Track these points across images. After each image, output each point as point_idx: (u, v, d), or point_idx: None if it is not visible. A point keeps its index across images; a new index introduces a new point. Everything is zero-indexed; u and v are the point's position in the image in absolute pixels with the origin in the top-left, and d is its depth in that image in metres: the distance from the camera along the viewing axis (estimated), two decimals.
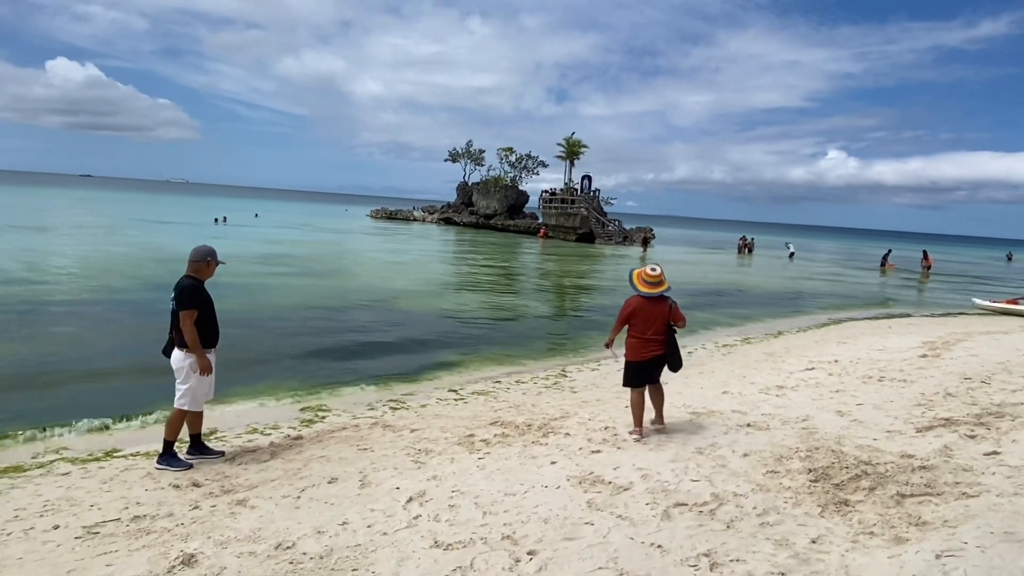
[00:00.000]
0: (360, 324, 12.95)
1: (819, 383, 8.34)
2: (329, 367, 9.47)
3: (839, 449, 5.41)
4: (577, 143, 58.85)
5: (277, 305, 14.32)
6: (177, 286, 5.33)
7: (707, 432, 6.06)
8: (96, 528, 4.24)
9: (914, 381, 8.24)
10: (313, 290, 16.84)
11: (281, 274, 19.84)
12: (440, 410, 7.48)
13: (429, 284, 19.86)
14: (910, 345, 11.40)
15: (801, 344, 12.42)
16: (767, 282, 27.39)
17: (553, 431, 6.26)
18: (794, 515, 4.19)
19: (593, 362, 10.76)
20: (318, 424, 6.86)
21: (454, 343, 11.66)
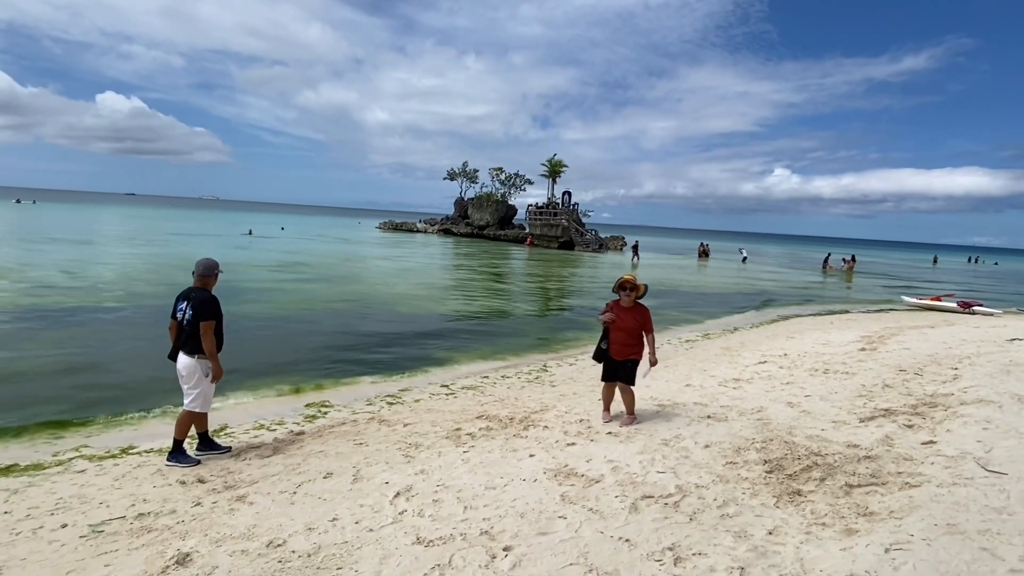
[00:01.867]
0: (364, 324, 12.65)
1: (771, 376, 8.11)
2: (334, 365, 9.17)
3: (791, 440, 5.16)
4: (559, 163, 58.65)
5: (290, 307, 13.99)
6: (192, 298, 5.00)
7: (672, 424, 5.79)
8: (101, 526, 3.92)
9: (855, 373, 8.02)
10: (323, 293, 16.50)
11: (296, 279, 19.47)
12: (432, 404, 7.19)
13: (428, 287, 19.55)
14: (850, 339, 11.20)
15: (754, 339, 12.21)
16: (723, 283, 27.23)
17: (533, 424, 5.99)
18: (751, 506, 3.93)
19: (571, 357, 10.51)
20: (320, 420, 6.55)
21: (448, 340, 11.38)
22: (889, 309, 19.79)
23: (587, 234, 51.75)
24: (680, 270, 35.05)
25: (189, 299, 5.01)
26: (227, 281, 17.32)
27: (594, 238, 51.35)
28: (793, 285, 28.14)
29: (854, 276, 36.85)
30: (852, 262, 40.53)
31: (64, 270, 18.42)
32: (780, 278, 32.42)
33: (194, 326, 4.94)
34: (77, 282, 16.14)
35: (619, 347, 5.79)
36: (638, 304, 5.79)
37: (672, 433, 5.48)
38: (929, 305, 19.55)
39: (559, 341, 12.06)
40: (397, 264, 28.29)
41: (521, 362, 10.06)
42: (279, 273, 20.98)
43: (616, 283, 5.80)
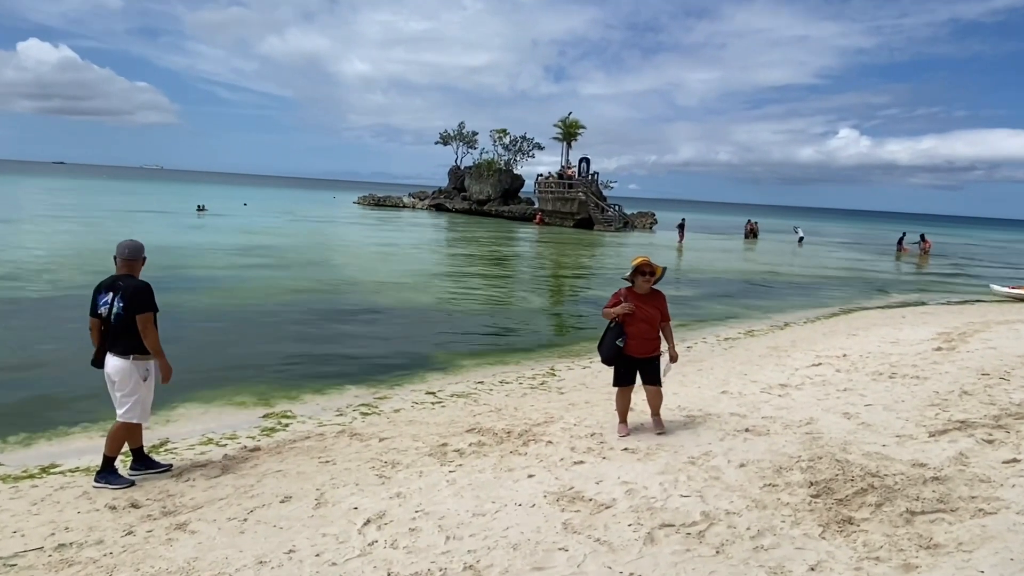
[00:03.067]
0: (338, 320, 12.73)
1: (826, 381, 8.11)
2: (299, 368, 9.24)
3: (844, 458, 5.17)
4: (575, 124, 58.42)
5: (249, 300, 14.08)
6: (120, 287, 5.02)
7: (701, 439, 5.82)
8: (14, 560, 3.98)
9: (928, 377, 8.00)
10: (290, 283, 16.57)
11: (256, 266, 19.57)
12: (415, 415, 7.24)
13: (416, 275, 19.61)
14: (924, 337, 11.17)
15: (808, 336, 12.19)
16: (774, 269, 27.16)
17: (534, 438, 6.02)
18: (792, 536, 3.95)
19: (584, 359, 10.52)
20: (280, 433, 6.61)
21: (438, 340, 11.44)
22: (975, 300, 19.70)
23: (609, 210, 51.68)
24: (722, 253, 34.98)
25: (116, 289, 5.03)
26: (173, 268, 17.47)
27: (617, 215, 51.28)
28: (859, 271, 28.05)
29: (929, 259, 36.73)
30: (927, 244, 40.43)
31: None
32: (843, 263, 32.30)
33: (127, 321, 4.97)
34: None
35: (641, 342, 5.86)
36: (654, 290, 5.91)
37: (701, 450, 5.50)
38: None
39: (571, 340, 12.10)
40: (379, 247, 28.37)
41: (524, 365, 10.09)
42: (236, 258, 21.09)
43: (633, 268, 5.81)
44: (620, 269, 24.62)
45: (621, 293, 5.92)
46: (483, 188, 62.55)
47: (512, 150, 65.95)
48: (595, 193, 52.63)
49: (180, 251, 21.47)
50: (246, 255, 22.03)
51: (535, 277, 22.22)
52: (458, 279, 19.71)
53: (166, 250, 20.86)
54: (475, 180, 63.78)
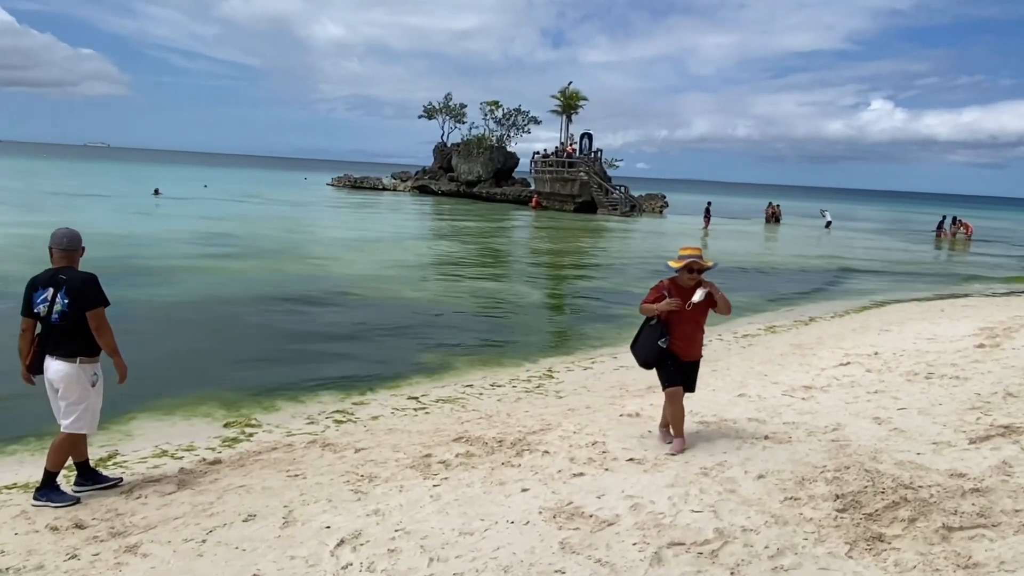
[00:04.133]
0: (310, 317, 12.74)
1: (855, 382, 8.15)
2: (265, 371, 9.23)
3: (875, 468, 5.20)
4: (575, 95, 58.28)
5: (209, 295, 14.06)
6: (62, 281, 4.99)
7: (715, 447, 5.85)
8: None
9: (968, 378, 8.05)
10: (256, 276, 16.56)
11: (219, 256, 19.53)
12: (395, 423, 7.25)
13: (397, 267, 19.60)
14: (965, 332, 11.23)
15: (836, 333, 12.25)
16: (798, 257, 27.25)
17: (529, 448, 6.04)
18: (815, 556, 3.97)
19: (586, 359, 10.56)
20: (243, 444, 6.62)
21: (422, 339, 11.44)
22: (1022, 291, 19.80)
23: (614, 192, 51.68)
24: (741, 239, 35.07)
25: (57, 284, 4.99)
26: (124, 259, 17.41)
27: (623, 197, 51.29)
28: (893, 259, 28.18)
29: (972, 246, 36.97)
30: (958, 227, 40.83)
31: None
32: (876, 250, 32.44)
33: (74, 319, 4.94)
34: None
35: (685, 344, 5.83)
36: (703, 283, 5.79)
37: (715, 460, 5.53)
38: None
39: (571, 338, 12.15)
40: (356, 234, 28.34)
41: (518, 366, 10.12)
42: (195, 247, 21.03)
43: (683, 262, 5.68)
44: (626, 257, 24.84)
45: (664, 286, 5.79)
46: (473, 168, 62.42)
47: (505, 125, 65.86)
48: (598, 173, 52.62)
49: (132, 240, 21.39)
50: (206, 244, 21.97)
51: (531, 268, 22.23)
52: (445, 271, 19.71)
53: (116, 239, 20.79)
54: (464, 159, 63.60)
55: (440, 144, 70.91)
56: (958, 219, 42.19)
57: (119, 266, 15.86)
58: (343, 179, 74.83)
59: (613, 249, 28.34)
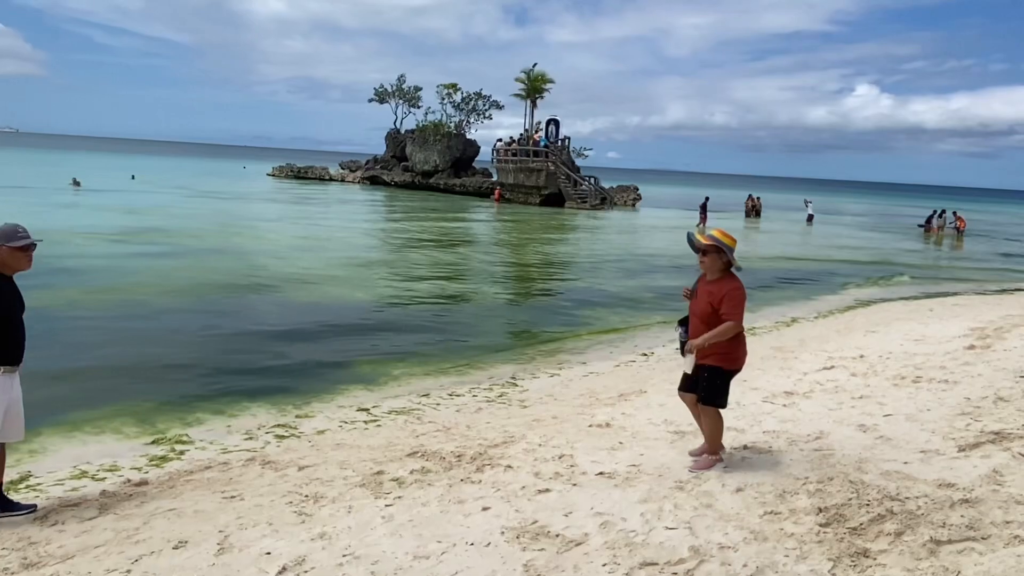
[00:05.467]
0: (248, 321, 12.61)
1: (839, 387, 8.32)
2: (198, 381, 9.13)
3: (859, 478, 5.31)
4: (541, 78, 58.44)
5: (135, 297, 13.83)
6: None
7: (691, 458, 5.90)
8: None
9: (958, 382, 8.26)
10: (188, 276, 16.32)
11: (146, 255, 19.19)
12: (343, 437, 7.21)
13: (346, 266, 19.48)
14: (955, 333, 11.54)
15: (819, 334, 12.48)
16: (779, 253, 27.70)
17: (491, 463, 6.05)
18: (797, 573, 4.04)
19: (552, 365, 10.61)
20: (173, 463, 6.51)
21: (373, 345, 11.40)
22: (1014, 289, 20.43)
23: (583, 183, 51.98)
24: None
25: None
26: (38, 257, 16.95)
27: (593, 189, 51.63)
28: (880, 255, 28.78)
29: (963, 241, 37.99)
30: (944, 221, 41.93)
31: None
32: (861, 246, 33.11)
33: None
34: None
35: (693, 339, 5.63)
36: (727, 276, 5.54)
37: (691, 472, 5.59)
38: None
39: (537, 343, 12.18)
40: (300, 230, 28.08)
41: (479, 373, 10.14)
42: (119, 245, 20.67)
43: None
44: (598, 254, 24.98)
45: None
46: (429, 157, 62.24)
47: (464, 110, 65.77)
48: (566, 163, 52.85)
49: (47, 236, 20.76)
50: (132, 241, 21.58)
51: (493, 267, 22.23)
52: (399, 270, 19.63)
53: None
54: (419, 147, 63.39)
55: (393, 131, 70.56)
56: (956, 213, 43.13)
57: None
58: (285, 168, 74.04)
59: (582, 245, 28.47)
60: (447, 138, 62.25)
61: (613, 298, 16.60)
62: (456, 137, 63.05)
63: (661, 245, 28.96)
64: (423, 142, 63.15)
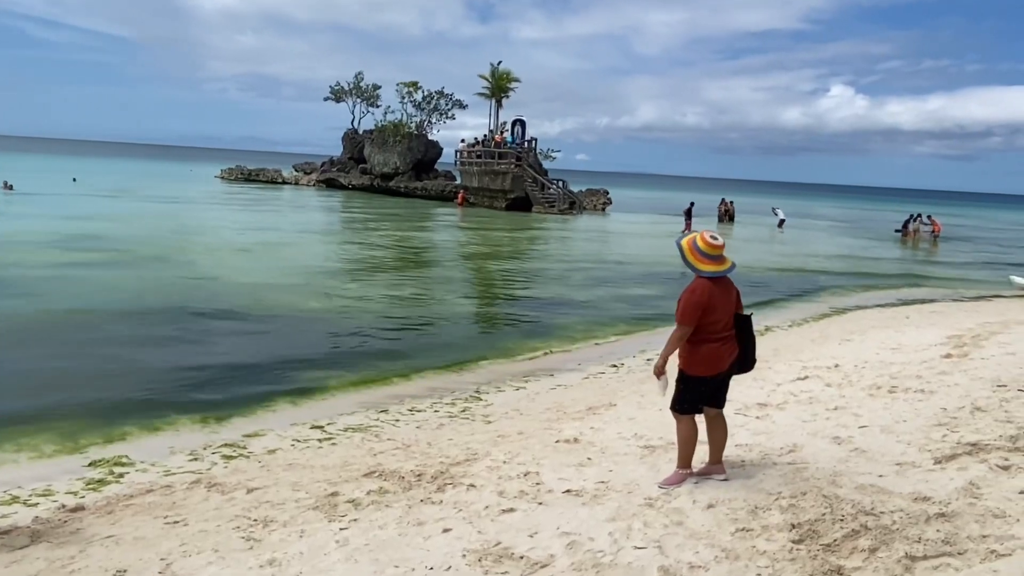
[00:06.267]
0: (194, 333, 12.47)
1: (813, 398, 8.42)
2: (139, 398, 9.01)
3: (833, 493, 5.38)
4: (506, 76, 58.69)
5: (72, 308, 13.64)
6: None
7: (661, 474, 5.94)
8: None
9: (934, 391, 8.41)
10: (130, 286, 16.10)
11: (85, 264, 18.86)
12: (295, 457, 7.15)
13: (299, 274, 19.34)
14: (931, 341, 11.75)
15: (793, 344, 12.64)
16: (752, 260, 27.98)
17: (452, 482, 6.04)
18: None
19: (518, 378, 10.62)
20: (112, 486, 6.42)
21: (328, 358, 11.35)
22: (991, 296, 20.91)
23: (551, 187, 52.20)
24: None
25: None
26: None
27: (562, 193, 51.85)
28: (855, 262, 29.29)
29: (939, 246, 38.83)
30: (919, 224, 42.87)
31: None
32: (836, 251, 33.66)
33: None
34: None
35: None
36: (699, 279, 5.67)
37: (663, 488, 5.62)
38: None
39: (502, 354, 12.20)
40: (250, 236, 27.79)
41: (440, 387, 10.13)
42: (57, 253, 20.28)
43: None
44: (567, 260, 25.07)
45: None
46: (388, 158, 62.10)
47: (426, 109, 65.76)
48: (533, 165, 53.06)
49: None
50: (71, 249, 21.18)
51: (456, 274, 22.21)
52: (356, 278, 19.53)
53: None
54: (378, 148, 63.20)
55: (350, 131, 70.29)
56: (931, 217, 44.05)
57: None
58: (235, 170, 73.33)
59: (550, 252, 28.58)
60: (408, 139, 62.17)
61: (582, 307, 16.68)
62: (417, 138, 62.99)
63: (632, 252, 29.18)
64: (382, 143, 62.99)
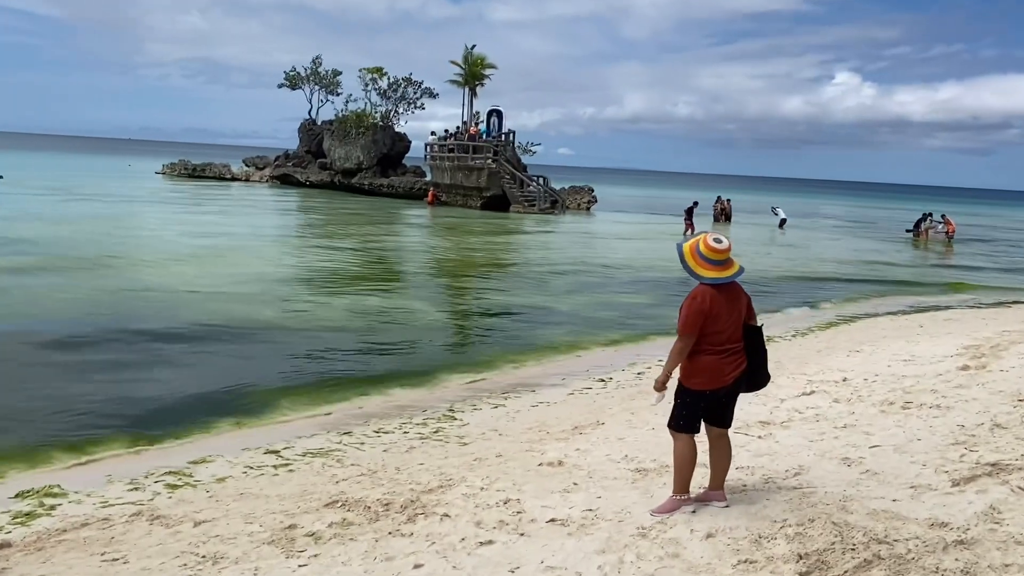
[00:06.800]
0: (134, 348, 12.37)
1: (820, 415, 8.47)
2: (72, 420, 8.94)
3: (844, 519, 5.41)
4: (481, 62, 58.73)
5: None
6: None
7: (656, 502, 5.94)
8: None
9: (951, 407, 8.49)
10: (61, 296, 15.97)
11: (11, 272, 18.63)
12: (248, 485, 7.09)
13: (252, 281, 19.24)
14: (947, 352, 11.86)
15: (798, 355, 12.72)
16: (751, 263, 28.16)
17: (424, 512, 6.01)
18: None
19: (497, 395, 10.61)
20: (42, 519, 6.32)
21: (285, 373, 11.32)
22: (1011, 302, 21.17)
23: (531, 184, 52.31)
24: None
25: None
26: None
27: (543, 191, 51.97)
28: (863, 265, 29.56)
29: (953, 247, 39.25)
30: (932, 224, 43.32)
31: None
32: (842, 254, 33.96)
33: None
34: None
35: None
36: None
37: (656, 516, 5.63)
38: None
39: (479, 369, 12.21)
40: (196, 239, 27.61)
41: (410, 405, 10.11)
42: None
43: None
44: (547, 265, 25.11)
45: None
46: (350, 152, 61.93)
47: (392, 98, 65.65)
48: (510, 160, 53.16)
49: None
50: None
51: (427, 281, 22.19)
52: (316, 285, 19.43)
53: None
54: (338, 141, 63.02)
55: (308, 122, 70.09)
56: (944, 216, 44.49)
57: None
58: (178, 165, 72.92)
59: (530, 255, 28.61)
60: (372, 131, 61.99)
61: (566, 317, 16.71)
62: (382, 130, 62.84)
63: (621, 255, 29.25)
64: (343, 135, 62.81)
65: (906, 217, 53.65)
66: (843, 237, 44.89)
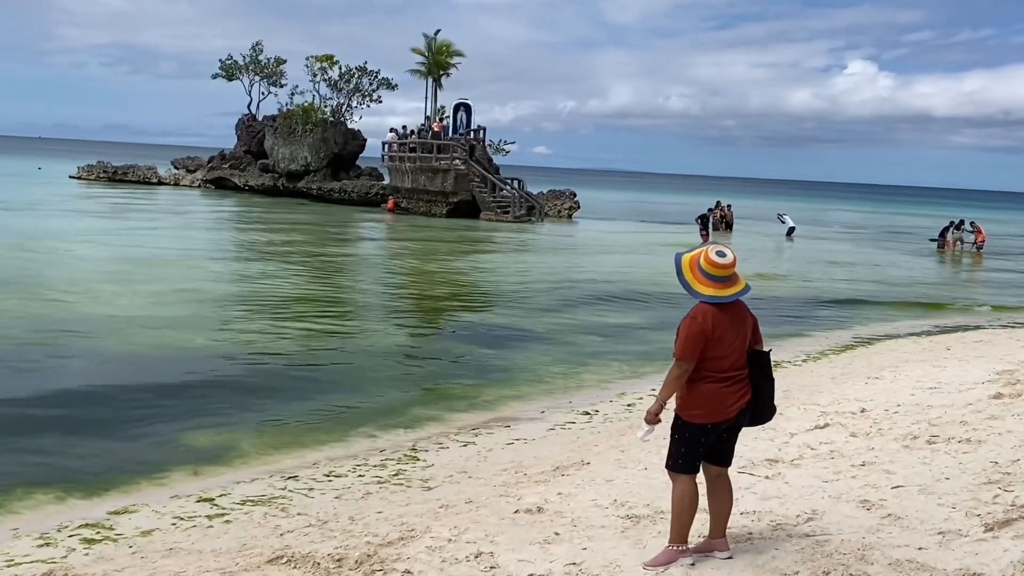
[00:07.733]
0: (43, 381, 12.25)
1: (836, 451, 8.49)
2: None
3: (863, 571, 5.42)
4: (446, 49, 58.98)
5: None
6: None
7: (652, 551, 5.93)
8: None
9: (983, 440, 8.53)
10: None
11: None
12: (178, 539, 7.01)
13: (183, 302, 19.15)
14: (977, 378, 11.94)
15: (809, 383, 12.77)
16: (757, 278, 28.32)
17: (383, 568, 5.95)
18: None
19: (466, 431, 10.57)
20: None
21: (220, 409, 11.23)
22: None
23: (504, 188, 52.39)
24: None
25: None
26: None
27: (518, 196, 52.04)
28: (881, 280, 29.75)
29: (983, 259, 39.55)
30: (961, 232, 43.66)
31: None
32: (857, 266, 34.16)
33: None
34: None
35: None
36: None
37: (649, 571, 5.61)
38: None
39: (445, 400, 12.20)
40: (118, 253, 27.48)
41: (367, 444, 10.08)
42: None
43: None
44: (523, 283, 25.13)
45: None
46: (297, 152, 61.76)
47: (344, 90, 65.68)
48: (481, 161, 53.25)
49: None
50: None
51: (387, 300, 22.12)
52: (256, 306, 19.33)
53: None
54: (283, 139, 62.83)
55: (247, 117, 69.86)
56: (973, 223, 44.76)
57: None
58: (96, 168, 72.37)
59: (504, 270, 28.60)
60: (321, 128, 61.90)
61: (545, 340, 16.71)
62: (334, 126, 62.80)
63: (607, 269, 29.31)
64: (288, 133, 62.60)
65: (929, 224, 54.24)
66: (858, 247, 45.16)
